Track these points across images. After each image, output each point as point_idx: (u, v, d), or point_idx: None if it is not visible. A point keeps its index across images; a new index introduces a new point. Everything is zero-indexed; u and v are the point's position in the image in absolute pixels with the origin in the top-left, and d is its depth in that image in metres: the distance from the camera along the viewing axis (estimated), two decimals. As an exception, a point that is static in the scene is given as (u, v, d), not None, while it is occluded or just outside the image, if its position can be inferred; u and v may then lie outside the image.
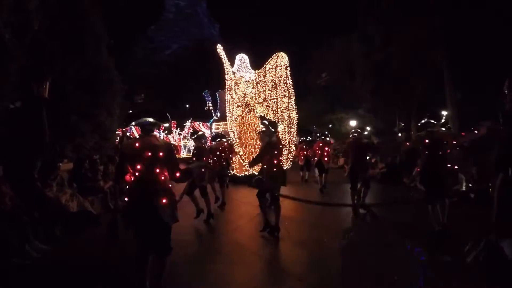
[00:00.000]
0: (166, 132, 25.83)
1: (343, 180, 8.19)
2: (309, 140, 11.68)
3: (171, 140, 25.40)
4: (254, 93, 11.26)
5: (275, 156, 4.84)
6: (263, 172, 4.96)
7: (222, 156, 6.91)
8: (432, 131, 4.71)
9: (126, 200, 2.74)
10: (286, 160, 10.21)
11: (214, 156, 6.80)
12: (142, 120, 2.75)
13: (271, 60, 10.93)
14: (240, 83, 11.21)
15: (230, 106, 10.95)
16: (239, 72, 11.46)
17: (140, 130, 2.83)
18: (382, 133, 20.32)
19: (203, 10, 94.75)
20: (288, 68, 10.64)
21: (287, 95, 10.59)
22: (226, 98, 11.16)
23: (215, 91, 22.38)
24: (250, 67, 11.72)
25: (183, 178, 2.83)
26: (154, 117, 2.77)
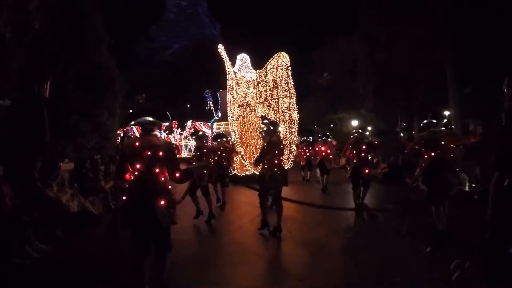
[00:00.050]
0: (167, 132, 25.87)
1: (344, 180, 8.17)
2: (310, 140, 11.66)
3: (172, 140, 25.44)
4: (255, 93, 11.24)
5: (276, 156, 4.82)
6: (264, 172, 4.93)
7: (223, 156, 6.90)
8: (434, 131, 4.69)
9: (124, 200, 2.72)
10: (287, 160, 10.19)
11: (215, 156, 6.79)
12: (142, 119, 2.73)
13: (272, 60, 10.91)
14: (241, 83, 11.19)
15: (231, 106, 10.93)
16: (240, 72, 11.44)
17: (141, 129, 2.81)
18: (384, 133, 20.28)
19: (204, 10, 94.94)
20: (289, 67, 10.62)
21: (288, 95, 10.56)
22: (227, 98, 11.14)
23: (216, 91, 22.35)
24: (251, 67, 11.70)
25: (183, 179, 2.80)
26: (154, 116, 2.75)
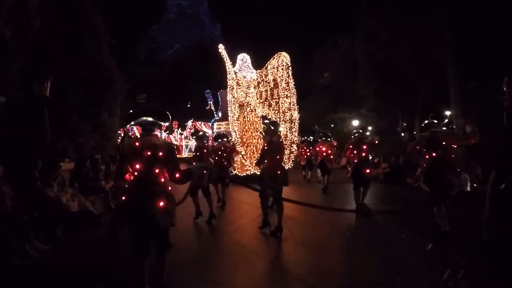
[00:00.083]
0: (167, 132, 25.89)
1: (345, 180, 8.15)
2: (311, 140, 11.64)
3: (172, 140, 25.44)
4: (255, 92, 11.23)
5: (277, 156, 4.81)
6: (264, 172, 4.92)
7: (224, 157, 6.89)
8: (436, 131, 4.68)
9: (123, 200, 2.70)
10: (288, 160, 10.17)
11: (216, 156, 6.79)
12: (142, 119, 2.72)
13: (273, 59, 10.89)
14: (241, 83, 11.17)
15: (231, 105, 10.91)
16: (240, 72, 11.42)
17: (141, 129, 2.80)
18: (385, 132, 20.22)
19: (204, 10, 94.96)
20: (289, 67, 10.60)
21: (288, 94, 10.55)
22: (227, 97, 11.12)
23: (217, 91, 22.35)
24: (251, 67, 11.68)
25: (183, 179, 2.77)
26: (154, 116, 2.73)
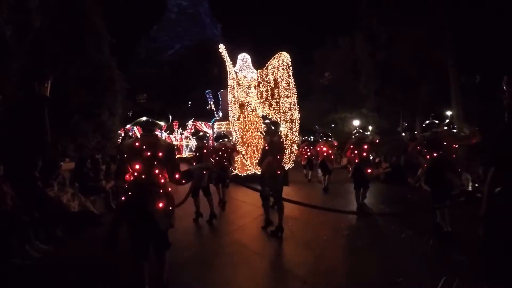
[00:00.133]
0: (168, 132, 25.91)
1: (346, 180, 8.13)
2: (311, 139, 11.63)
3: (173, 140, 25.45)
4: (256, 92, 11.21)
5: (277, 156, 4.79)
6: (264, 171, 4.91)
7: (224, 157, 6.88)
8: (437, 131, 4.69)
9: (123, 200, 2.69)
10: (288, 160, 10.16)
11: (217, 156, 6.77)
12: (142, 119, 2.70)
13: (273, 59, 10.87)
14: (242, 83, 11.16)
15: (232, 105, 10.91)
16: (241, 72, 11.41)
17: (141, 129, 2.79)
18: (386, 132, 20.19)
19: (205, 10, 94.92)
20: (290, 67, 10.57)
21: (289, 94, 10.52)
22: (228, 97, 11.11)
23: (217, 91, 22.36)
24: (252, 67, 11.67)
25: (183, 180, 2.76)
26: (154, 116, 2.72)
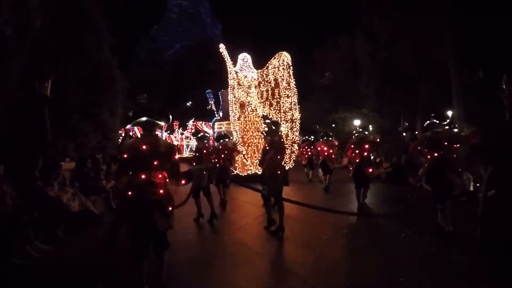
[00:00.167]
0: (168, 132, 25.91)
1: (347, 180, 8.11)
2: (312, 139, 11.63)
3: (173, 140, 25.44)
4: (256, 92, 11.21)
5: (277, 155, 4.79)
6: (265, 171, 4.90)
7: (225, 156, 6.87)
8: (437, 131, 4.69)
9: (122, 200, 2.69)
10: (289, 159, 10.15)
11: (218, 156, 6.76)
12: (142, 120, 2.69)
13: (274, 59, 10.87)
14: (242, 83, 11.15)
15: (232, 105, 10.90)
16: (241, 72, 11.41)
17: (142, 130, 2.78)
18: (387, 132, 20.18)
19: (205, 10, 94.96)
20: (290, 67, 10.58)
21: (289, 94, 10.52)
22: (228, 97, 11.11)
23: (218, 91, 22.33)
24: (252, 67, 11.67)
25: (183, 181, 2.75)
26: (154, 116, 2.71)
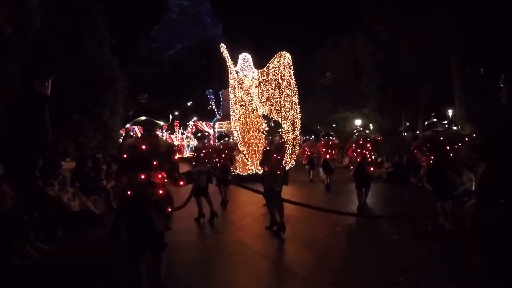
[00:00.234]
0: (169, 132, 25.91)
1: (348, 179, 8.11)
2: (312, 139, 11.64)
3: (174, 140, 25.43)
4: (257, 92, 11.20)
5: (277, 155, 4.79)
6: (265, 171, 4.91)
7: (226, 156, 6.86)
8: (438, 131, 4.69)
9: (121, 200, 2.68)
10: (289, 159, 10.14)
11: (218, 156, 6.75)
12: (142, 119, 2.68)
13: (275, 59, 10.85)
14: (243, 83, 11.15)
15: (233, 105, 10.90)
16: (242, 72, 11.40)
17: (142, 129, 2.78)
18: (388, 132, 20.18)
19: (206, 10, 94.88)
20: (291, 67, 10.57)
21: (290, 94, 10.51)
22: (229, 97, 11.10)
23: (218, 91, 22.30)
24: (253, 67, 11.66)
25: (182, 181, 2.74)
26: (154, 116, 2.70)
